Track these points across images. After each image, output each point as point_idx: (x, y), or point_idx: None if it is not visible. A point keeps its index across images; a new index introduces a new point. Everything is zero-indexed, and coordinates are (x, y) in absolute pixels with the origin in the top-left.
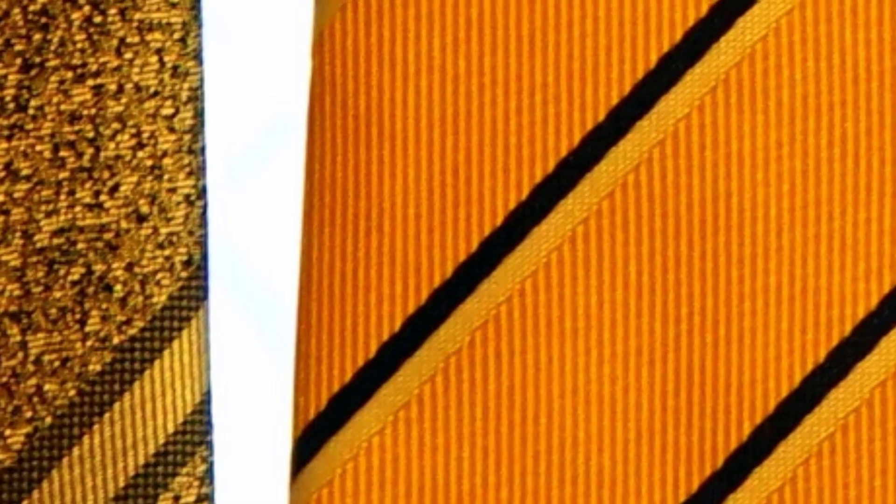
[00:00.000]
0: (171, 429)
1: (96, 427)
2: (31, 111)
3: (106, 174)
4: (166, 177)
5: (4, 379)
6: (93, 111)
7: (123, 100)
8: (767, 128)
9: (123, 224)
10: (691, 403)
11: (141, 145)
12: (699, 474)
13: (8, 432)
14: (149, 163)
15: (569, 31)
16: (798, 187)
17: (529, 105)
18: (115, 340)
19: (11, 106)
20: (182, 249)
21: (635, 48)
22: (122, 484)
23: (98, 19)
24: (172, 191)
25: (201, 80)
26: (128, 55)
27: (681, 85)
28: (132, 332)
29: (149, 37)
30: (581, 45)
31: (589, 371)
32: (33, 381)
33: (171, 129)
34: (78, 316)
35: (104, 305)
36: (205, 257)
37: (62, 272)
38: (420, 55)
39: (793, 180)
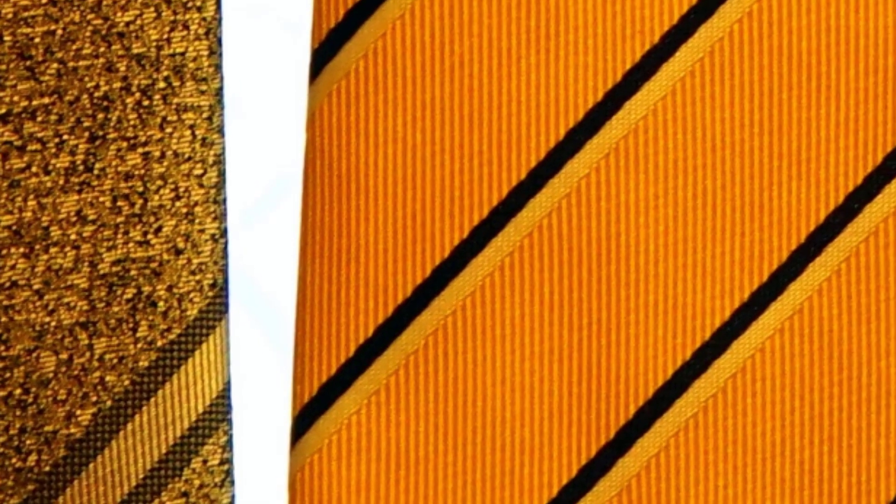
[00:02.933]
0: (200, 409)
1: (145, 408)
2: (95, 171)
3: (152, 219)
4: (197, 221)
5: (76, 372)
6: (142, 171)
7: (165, 163)
8: (647, 184)
9: (165, 256)
10: (590, 390)
11: (178, 197)
12: (596, 444)
13: (78, 412)
14: (184, 210)
15: (498, 111)
16: (670, 229)
17: (469, 167)
18: (159, 343)
19: (81, 167)
20: (209, 275)
21: (548, 123)
22: (164, 451)
23: (146, 103)
24: (202, 231)
25: (223, 148)
26: (168, 129)
27: (582, 152)
28: (171, 337)
29: (184, 116)
30: (507, 122)
31: (514, 367)
32: (97, 373)
33: (201, 185)
34: (131, 325)
35: (150, 317)
36: (226, 281)
37: (119, 292)
38: (387, 130)
39: (666, 224)
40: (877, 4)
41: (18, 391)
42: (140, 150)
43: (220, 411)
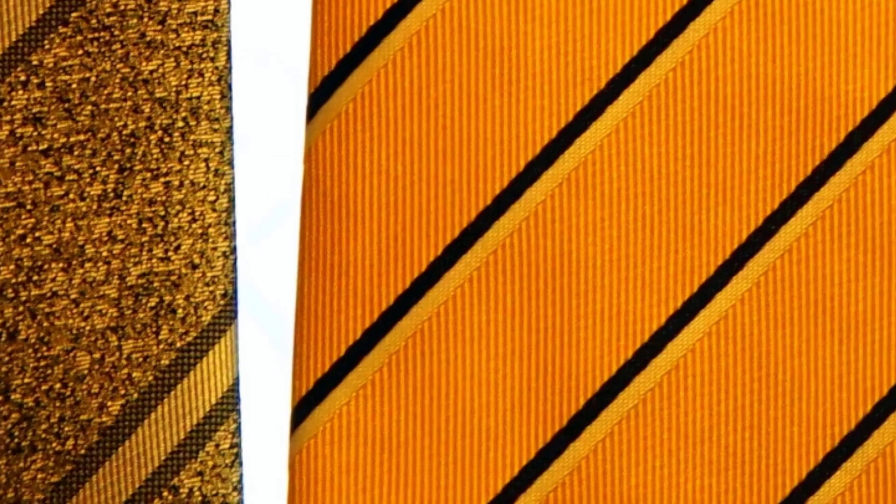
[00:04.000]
0: (213, 401)
1: (166, 400)
2: (124, 198)
3: (172, 239)
4: (210, 240)
5: (107, 369)
6: (163, 198)
7: (183, 191)
8: (595, 209)
9: (183, 270)
10: (546, 385)
11: (194, 220)
12: (551, 430)
13: (109, 403)
14: (199, 231)
15: (467, 146)
16: (614, 247)
17: (442, 193)
18: (178, 344)
19: (111, 195)
20: (221, 286)
21: (510, 157)
22: (182, 436)
23: (167, 139)
24: (214, 249)
25: (233, 177)
26: (186, 162)
27: (539, 182)
28: (189, 339)
29: (199, 150)
30: (475, 155)
31: (481, 364)
32: (126, 370)
33: (214, 210)
34: (154, 329)
35: (171, 322)
36: (235, 291)
37: (144, 301)
38: (373, 162)
39: (611, 242)
40: (790, 55)
41: (58, 385)
42: (162, 179)
43: (229, 403)
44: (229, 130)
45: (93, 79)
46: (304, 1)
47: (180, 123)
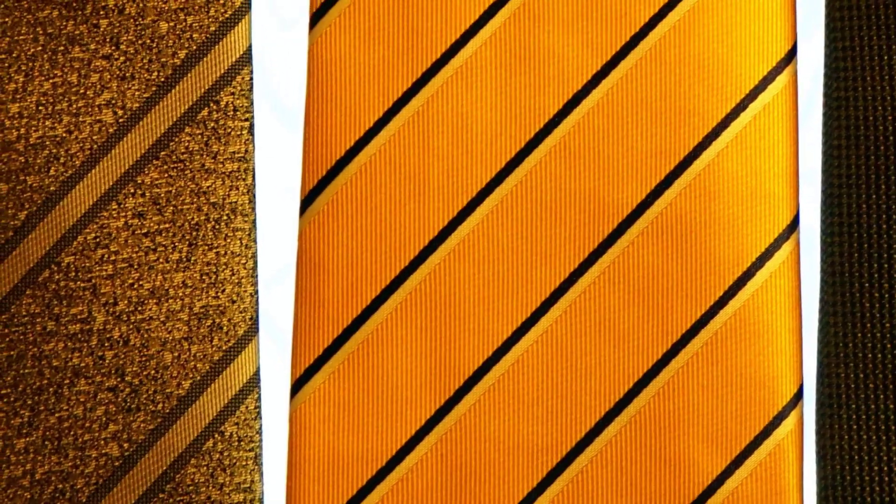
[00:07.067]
0: (244, 381)
1: (216, 381)
2: (192, 261)
3: (220, 285)
4: (243, 286)
5: (182, 362)
6: (215, 261)
7: (227, 257)
8: (468, 269)
9: (227, 304)
10: (440, 372)
11: (233, 274)
12: (443, 398)
13: (183, 382)
14: (236, 280)
15: (392, 233)
16: (480, 290)
17: (378, 259)
18: (224, 348)
19: (185, 259)
20: (249, 314)
21: (419, 237)
22: (226, 401)
23: (217, 227)
24: (245, 291)
25: (256, 249)
26: (228, 240)
27: (436, 252)
28: (230, 345)
29: (236, 233)
30: (397, 238)
31: (402, 360)
32: (193, 363)
33: (245, 268)
34: (210, 339)
35: (219, 335)
36: (257, 317)
37: (204, 322)
38: (336, 241)
39: (478, 287)
40: (581, 177)
41: (153, 372)
42: (214, 250)
43: (254, 382)
44: (254, 221)
45: (173, 191)
46: (297, 147)
47: (225, 217)
